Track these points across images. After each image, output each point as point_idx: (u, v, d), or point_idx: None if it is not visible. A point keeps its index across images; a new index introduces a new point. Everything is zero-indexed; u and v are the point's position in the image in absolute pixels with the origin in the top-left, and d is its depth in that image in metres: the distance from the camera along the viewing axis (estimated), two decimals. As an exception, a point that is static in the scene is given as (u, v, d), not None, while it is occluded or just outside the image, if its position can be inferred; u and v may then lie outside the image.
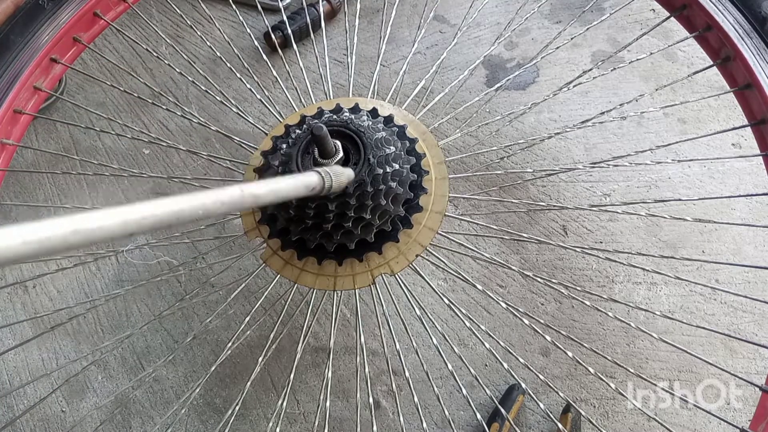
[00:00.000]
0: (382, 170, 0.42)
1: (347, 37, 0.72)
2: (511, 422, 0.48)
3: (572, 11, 0.91)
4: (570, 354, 0.48)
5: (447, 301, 0.51)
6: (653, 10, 0.89)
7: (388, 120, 0.49)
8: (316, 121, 0.45)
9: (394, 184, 0.43)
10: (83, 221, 0.21)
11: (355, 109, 0.49)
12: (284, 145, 0.45)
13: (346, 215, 0.42)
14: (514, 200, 0.73)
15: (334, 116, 0.46)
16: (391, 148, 0.44)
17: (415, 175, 0.46)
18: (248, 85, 0.66)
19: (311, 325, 0.70)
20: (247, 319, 0.56)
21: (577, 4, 0.92)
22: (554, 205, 0.74)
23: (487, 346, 0.49)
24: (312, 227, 0.44)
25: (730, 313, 0.67)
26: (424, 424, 0.50)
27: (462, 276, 0.53)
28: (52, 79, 0.57)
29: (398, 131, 0.47)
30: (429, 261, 0.55)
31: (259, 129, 0.62)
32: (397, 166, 0.43)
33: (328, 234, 0.44)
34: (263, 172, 0.47)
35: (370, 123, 0.46)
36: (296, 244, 0.47)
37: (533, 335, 0.68)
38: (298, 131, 0.45)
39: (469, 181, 0.78)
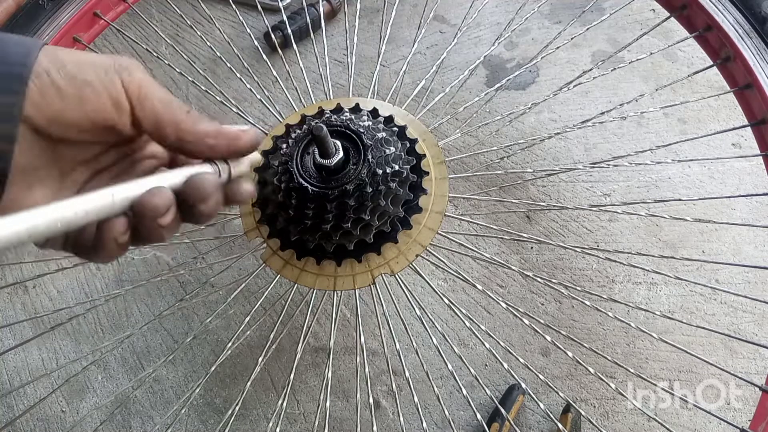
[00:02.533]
0: (381, 171, 0.42)
1: (347, 37, 0.72)
2: (511, 422, 0.48)
3: (572, 11, 0.91)
4: (570, 354, 0.48)
5: (447, 301, 0.51)
6: (653, 10, 0.89)
7: (389, 120, 0.48)
8: (317, 121, 0.45)
9: (393, 185, 0.43)
10: None
11: (355, 109, 0.49)
12: (284, 145, 0.45)
13: (345, 216, 0.42)
14: (514, 200, 0.73)
15: (335, 116, 0.46)
16: (391, 148, 0.44)
17: (415, 176, 0.46)
18: (248, 85, 0.66)
19: (311, 325, 0.70)
20: (247, 319, 0.56)
21: (577, 4, 0.92)
22: (554, 205, 0.74)
23: (487, 346, 0.49)
24: (311, 227, 0.44)
25: (730, 313, 0.67)
26: (424, 424, 0.50)
27: (462, 276, 0.53)
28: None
29: (398, 132, 0.47)
30: (429, 261, 0.55)
31: (259, 129, 0.62)
32: (397, 167, 0.43)
33: (327, 234, 0.44)
34: (263, 171, 0.48)
35: (371, 123, 0.46)
36: (295, 245, 0.47)
37: (533, 335, 0.68)
38: (298, 131, 0.45)
39: (469, 181, 0.78)
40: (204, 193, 0.28)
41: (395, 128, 0.48)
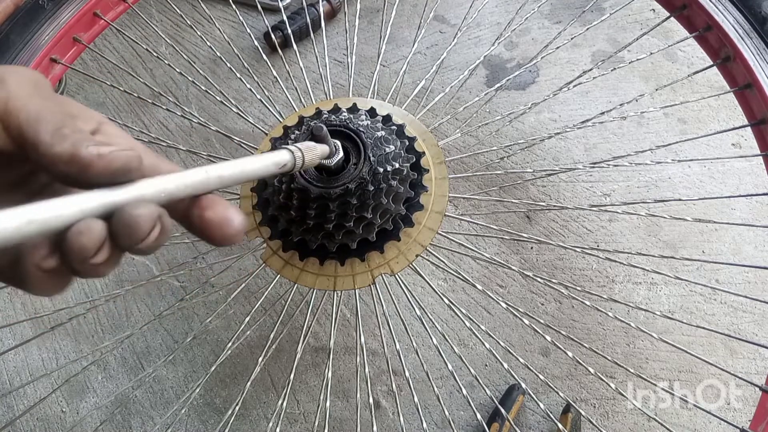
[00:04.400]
0: (382, 169, 0.42)
1: (347, 37, 0.72)
2: (511, 422, 0.48)
3: (572, 11, 0.91)
4: (570, 354, 0.48)
5: (447, 301, 0.51)
6: (653, 10, 0.89)
7: (387, 119, 0.49)
8: (316, 121, 0.45)
9: (395, 183, 0.43)
10: (36, 211, 0.19)
11: (353, 109, 0.49)
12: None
13: (347, 215, 0.42)
14: (514, 200, 0.73)
15: (333, 116, 0.46)
16: (391, 146, 0.44)
17: (415, 174, 0.46)
18: (248, 85, 0.66)
19: (311, 325, 0.70)
20: (247, 319, 0.56)
21: (577, 4, 0.92)
22: (554, 205, 0.74)
23: (487, 346, 0.49)
24: (313, 227, 0.44)
25: (730, 313, 0.67)
26: (424, 424, 0.50)
27: (462, 276, 0.53)
28: (52, 80, 0.57)
29: (397, 130, 0.47)
30: (429, 261, 0.55)
31: (259, 129, 0.62)
32: (397, 165, 0.43)
33: (329, 234, 0.44)
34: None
35: (369, 122, 0.46)
36: (298, 245, 0.47)
37: (533, 335, 0.68)
38: (297, 132, 0.45)
39: (469, 181, 0.78)
40: (137, 235, 0.23)
41: (394, 126, 0.48)
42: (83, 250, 0.22)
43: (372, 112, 0.49)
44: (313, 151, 0.35)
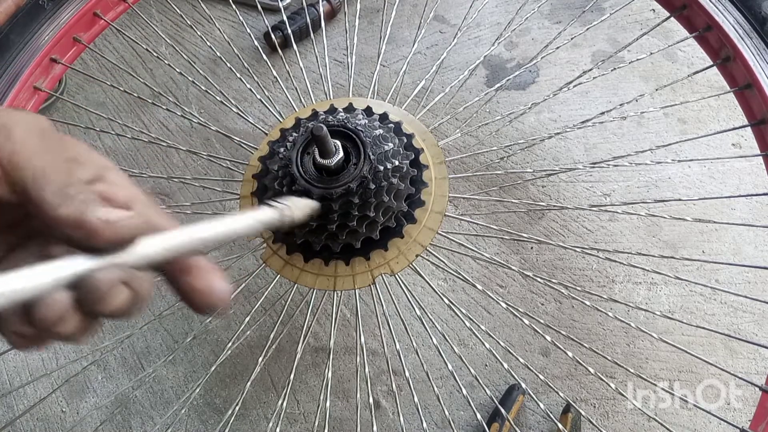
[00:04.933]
0: (383, 167, 0.42)
1: (347, 37, 0.72)
2: (511, 422, 0.48)
3: (572, 11, 0.91)
4: (570, 354, 0.48)
5: (447, 301, 0.51)
6: (653, 10, 0.89)
7: (384, 117, 0.49)
8: (315, 122, 0.45)
9: (395, 180, 0.43)
10: None
11: (349, 109, 0.49)
12: (282, 149, 0.45)
13: (350, 214, 0.42)
14: (514, 200, 0.73)
15: (330, 117, 0.46)
16: (390, 144, 0.44)
17: (415, 170, 0.46)
18: (248, 85, 0.66)
19: (311, 325, 0.70)
20: (247, 319, 0.56)
21: (577, 4, 0.92)
22: (554, 205, 0.74)
23: (487, 346, 0.49)
24: (317, 228, 0.44)
25: (730, 313, 0.67)
26: (424, 424, 0.50)
27: (462, 276, 0.53)
28: (52, 79, 0.57)
29: (394, 128, 0.47)
30: (429, 261, 0.55)
31: (259, 129, 0.62)
32: (397, 162, 0.43)
33: (333, 234, 0.44)
34: (262, 177, 0.47)
35: (367, 121, 0.46)
36: (301, 247, 0.47)
37: (533, 335, 0.68)
38: (294, 134, 0.45)
39: (469, 181, 0.78)
40: (99, 301, 0.22)
41: (391, 125, 0.48)
42: (45, 321, 0.21)
43: (368, 111, 0.49)
44: (303, 210, 0.34)
